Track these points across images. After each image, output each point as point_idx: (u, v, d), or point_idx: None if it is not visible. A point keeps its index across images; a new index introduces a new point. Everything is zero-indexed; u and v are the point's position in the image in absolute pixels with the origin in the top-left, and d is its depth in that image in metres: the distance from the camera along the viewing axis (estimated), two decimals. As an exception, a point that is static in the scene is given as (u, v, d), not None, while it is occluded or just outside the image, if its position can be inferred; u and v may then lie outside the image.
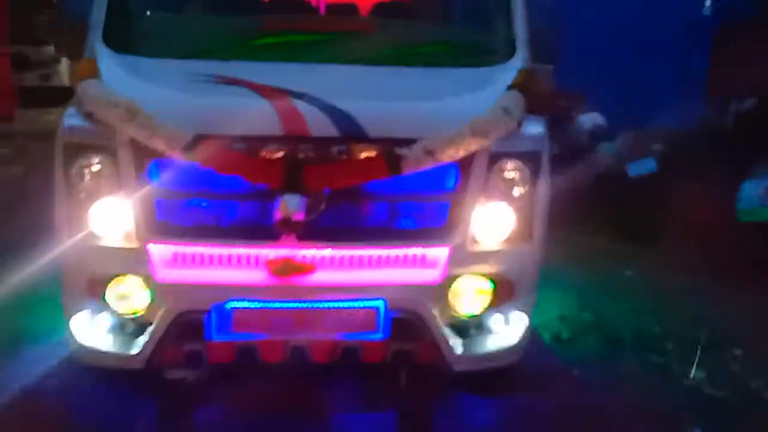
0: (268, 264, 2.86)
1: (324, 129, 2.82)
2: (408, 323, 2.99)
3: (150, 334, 2.93)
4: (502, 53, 3.40)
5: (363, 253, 2.93)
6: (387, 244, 2.95)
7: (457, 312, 3.04)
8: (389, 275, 2.96)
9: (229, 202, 2.93)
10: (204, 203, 2.93)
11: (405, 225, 3.00)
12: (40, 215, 3.26)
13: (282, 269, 2.86)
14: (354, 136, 2.83)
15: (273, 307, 2.93)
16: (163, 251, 2.89)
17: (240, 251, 2.89)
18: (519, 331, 3.19)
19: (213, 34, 3.42)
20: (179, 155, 2.76)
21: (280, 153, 2.82)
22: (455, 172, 2.95)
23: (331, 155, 2.84)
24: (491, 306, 3.08)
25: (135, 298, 2.93)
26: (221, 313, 2.91)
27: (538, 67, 3.28)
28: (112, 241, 2.90)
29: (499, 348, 3.17)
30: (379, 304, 2.94)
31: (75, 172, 2.88)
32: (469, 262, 3.01)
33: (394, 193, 2.96)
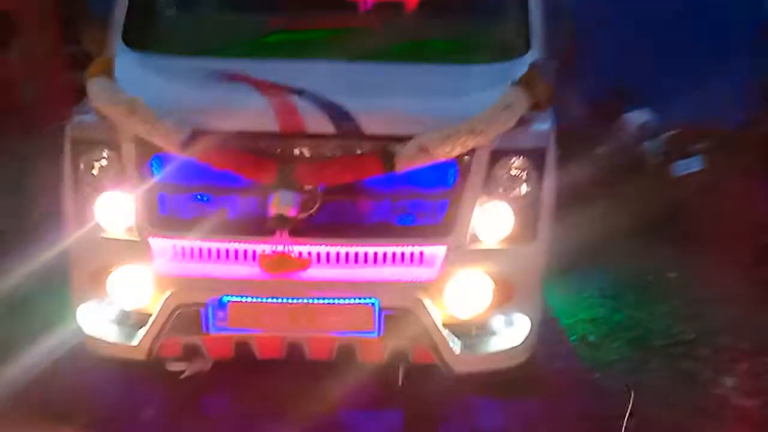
0: (261, 259, 2.87)
1: (320, 126, 2.81)
2: (404, 321, 2.94)
3: (150, 325, 2.98)
4: (515, 49, 3.31)
5: (358, 250, 2.91)
6: (382, 240, 2.92)
7: (455, 311, 2.97)
8: (384, 272, 2.93)
9: (227, 197, 2.95)
10: (203, 198, 2.97)
11: (401, 222, 2.95)
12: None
13: (276, 265, 2.86)
14: (350, 132, 2.81)
15: (267, 302, 2.93)
16: (164, 244, 2.94)
17: (236, 246, 2.91)
18: (522, 333, 3.11)
19: (223, 32, 3.46)
20: (177, 151, 2.80)
21: (273, 149, 2.83)
22: (453, 169, 2.88)
23: (325, 152, 2.83)
24: (492, 307, 3.00)
25: (136, 290, 2.98)
26: (217, 308, 2.93)
27: (543, 63, 3.16)
28: (115, 234, 2.96)
29: (501, 350, 3.09)
30: (374, 301, 2.91)
31: (82, 166, 2.96)
32: (468, 261, 2.94)
33: (390, 190, 2.92)
